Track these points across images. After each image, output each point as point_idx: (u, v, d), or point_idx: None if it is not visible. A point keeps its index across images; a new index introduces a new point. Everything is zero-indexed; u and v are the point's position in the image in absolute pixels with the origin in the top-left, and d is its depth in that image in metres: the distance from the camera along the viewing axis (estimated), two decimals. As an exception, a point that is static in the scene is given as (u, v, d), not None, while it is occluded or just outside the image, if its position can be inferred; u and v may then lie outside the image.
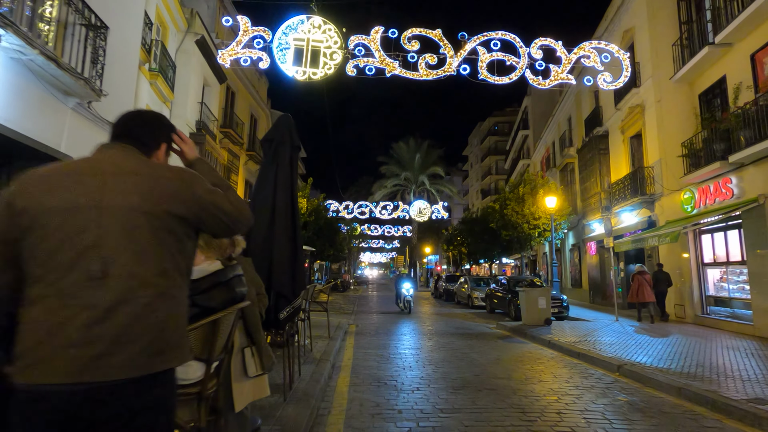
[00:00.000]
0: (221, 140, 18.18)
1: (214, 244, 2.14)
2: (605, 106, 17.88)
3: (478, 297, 17.92)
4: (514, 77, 11.13)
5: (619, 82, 11.34)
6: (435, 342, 8.86)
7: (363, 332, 10.23)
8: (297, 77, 11.00)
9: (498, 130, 59.51)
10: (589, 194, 18.71)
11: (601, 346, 7.88)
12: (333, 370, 6.07)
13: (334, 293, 30.07)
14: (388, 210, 36.35)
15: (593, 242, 19.23)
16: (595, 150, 17.88)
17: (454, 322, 12.88)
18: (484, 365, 6.54)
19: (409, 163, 39.22)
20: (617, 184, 15.98)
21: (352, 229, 49.21)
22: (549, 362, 6.92)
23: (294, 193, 3.60)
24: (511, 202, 19.52)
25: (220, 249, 2.16)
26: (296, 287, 3.46)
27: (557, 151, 26.20)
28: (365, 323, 12.19)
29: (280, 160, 3.57)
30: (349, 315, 14.18)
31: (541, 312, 10.94)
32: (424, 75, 11.09)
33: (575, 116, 22.23)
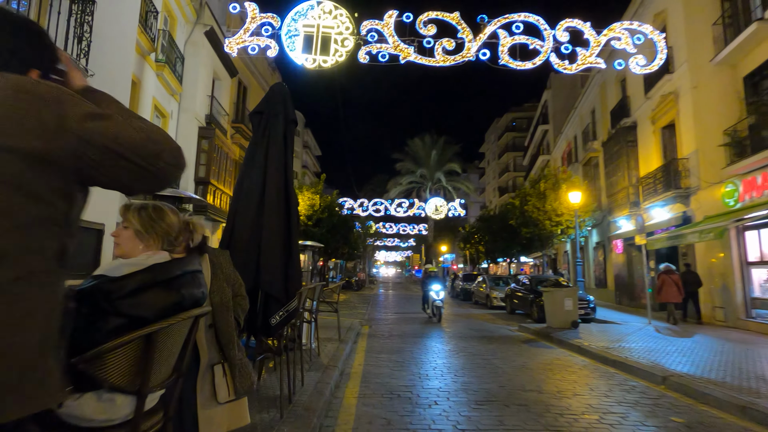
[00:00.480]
0: (232, 135, 17.85)
1: (158, 228, 1.56)
2: (633, 95, 16.87)
3: (498, 297, 17.15)
4: (538, 62, 10.38)
5: (654, 64, 10.46)
6: (453, 346, 8.21)
7: (376, 334, 9.65)
8: (306, 65, 10.47)
9: (516, 126, 58.17)
10: (616, 189, 17.72)
11: (639, 352, 7.11)
12: (341, 378, 5.50)
13: (348, 292, 29.62)
14: (404, 207, 35.72)
15: (620, 240, 18.22)
16: (623, 142, 16.89)
17: (472, 323, 12.19)
18: (510, 374, 5.87)
19: (425, 160, 38.49)
20: (647, 178, 15.00)
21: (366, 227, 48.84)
22: (581, 371, 6.20)
23: (289, 175, 3.03)
24: (532, 198, 18.65)
25: (165, 235, 1.58)
26: (290, 287, 2.89)
27: (580, 145, 25.13)
28: (379, 324, 11.61)
29: (272, 136, 3.00)
30: (362, 315, 13.62)
31: (567, 314, 10.17)
32: (440, 61, 10.42)
33: (599, 108, 21.18)
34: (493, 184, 64.00)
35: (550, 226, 18.04)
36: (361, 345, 8.09)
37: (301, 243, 7.26)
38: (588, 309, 11.91)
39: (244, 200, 2.86)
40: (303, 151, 50.03)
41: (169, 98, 12.47)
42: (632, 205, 16.27)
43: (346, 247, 30.15)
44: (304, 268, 7.21)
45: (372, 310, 15.72)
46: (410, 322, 12.10)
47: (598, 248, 21.68)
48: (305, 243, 7.03)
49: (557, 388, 5.18)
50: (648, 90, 14.95)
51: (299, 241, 7.34)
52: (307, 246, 7.09)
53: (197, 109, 13.61)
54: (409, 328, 10.73)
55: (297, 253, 3.04)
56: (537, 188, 19.27)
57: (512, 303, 15.18)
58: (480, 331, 10.39)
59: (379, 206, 35.44)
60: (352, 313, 14.06)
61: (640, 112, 16.12)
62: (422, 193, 39.66)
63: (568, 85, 35.07)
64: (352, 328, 9.53)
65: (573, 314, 10.20)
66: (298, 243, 3.09)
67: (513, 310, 15.22)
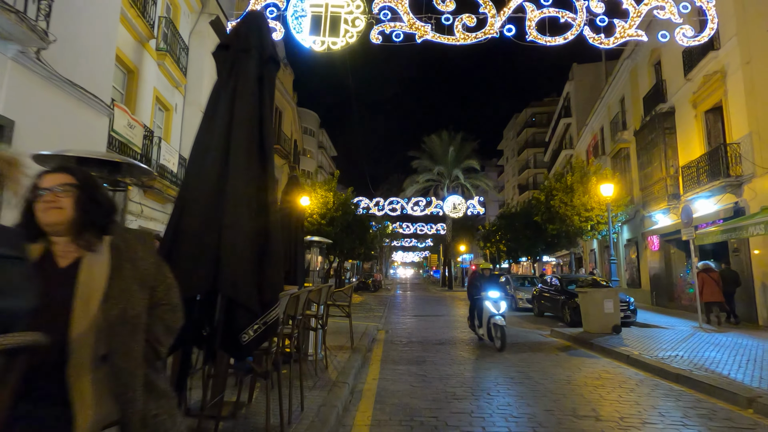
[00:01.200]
0: (243, 132, 17.22)
1: None
2: (670, 79, 15.53)
3: (523, 298, 16.03)
4: (569, 36, 9.31)
5: (704, 35, 9.27)
6: (481, 354, 7.24)
7: (393, 340, 8.74)
8: (315, 48, 9.66)
9: (536, 121, 56.53)
10: (651, 181, 16.38)
11: (702, 363, 6.01)
12: (351, 397, 4.62)
13: (364, 293, 28.81)
14: (421, 206, 34.73)
15: (655, 236, 16.86)
16: (659, 130, 15.56)
17: (498, 327, 11.15)
18: (555, 393, 4.89)
19: (442, 157, 37.36)
20: (688, 168, 13.68)
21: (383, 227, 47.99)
22: (640, 388, 5.17)
23: (266, 134, 2.17)
24: (559, 193, 17.44)
25: None
26: (267, 292, 2.02)
27: (607, 136, 23.72)
28: (396, 328, 10.70)
29: (241, 80, 2.14)
30: (378, 319, 12.74)
31: (607, 317, 9.07)
32: (460, 39, 9.46)
33: (630, 95, 19.80)
34: (513, 181, 62.36)
35: (579, 222, 16.81)
36: (377, 354, 7.20)
37: (306, 239, 6.42)
38: (628, 311, 10.74)
39: (199, 167, 2.02)
40: (318, 152, 49.59)
41: (173, 90, 11.85)
42: (671, 197, 14.95)
43: (362, 248, 29.36)
44: (311, 267, 6.40)
45: (389, 313, 14.83)
46: (428, 327, 11.15)
47: (630, 246, 20.27)
48: (311, 239, 6.18)
49: (618, 413, 4.18)
50: (688, 71, 13.64)
51: (305, 237, 6.48)
52: (313, 242, 6.25)
53: (203, 102, 12.92)
54: (430, 334, 9.78)
55: (278, 244, 2.17)
56: (563, 182, 18.06)
57: (540, 305, 14.06)
58: (508, 336, 9.35)
59: (396, 205, 34.53)
60: (368, 317, 13.19)
61: (678, 96, 14.79)
62: (440, 191, 38.54)
63: (591, 76, 33.58)
64: (366, 334, 8.65)
65: (614, 317, 9.08)
66: (278, 229, 2.21)
67: (541, 312, 14.10)
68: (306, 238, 6.06)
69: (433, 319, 12.84)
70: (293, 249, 5.75)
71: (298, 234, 5.88)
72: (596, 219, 16.68)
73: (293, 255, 5.73)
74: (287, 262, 5.71)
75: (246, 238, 1.96)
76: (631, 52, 19.03)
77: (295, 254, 5.75)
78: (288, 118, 24.05)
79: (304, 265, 5.90)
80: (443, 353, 7.35)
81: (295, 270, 5.69)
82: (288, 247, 5.77)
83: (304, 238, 5.95)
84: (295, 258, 5.73)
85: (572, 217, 16.90)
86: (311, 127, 52.32)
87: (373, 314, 14.14)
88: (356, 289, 32.33)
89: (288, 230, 5.84)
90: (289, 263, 5.71)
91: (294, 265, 5.69)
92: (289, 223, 5.85)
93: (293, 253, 5.74)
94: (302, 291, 3.54)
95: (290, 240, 5.80)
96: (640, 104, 18.36)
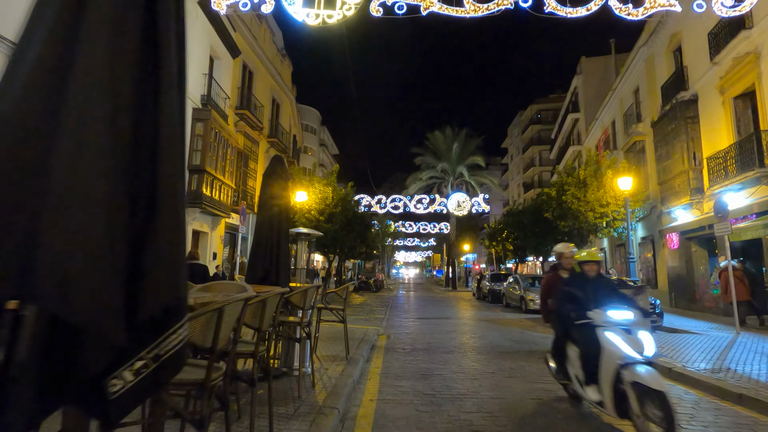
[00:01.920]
0: (237, 123, 16.31)
1: None
2: (692, 64, 14.49)
3: (534, 299, 15.02)
4: (593, 7, 8.32)
5: (745, 5, 8.25)
6: (497, 366, 6.27)
7: (395, 347, 7.78)
8: (308, 22, 8.70)
9: (541, 118, 55.43)
10: (671, 175, 15.34)
11: (764, 379, 5.03)
12: (342, 427, 3.66)
13: (366, 293, 27.85)
14: (424, 204, 33.75)
15: (674, 233, 15.82)
16: (680, 120, 14.53)
17: (510, 331, 10.18)
18: (594, 420, 3.91)
19: (445, 154, 36.34)
20: (715, 159, 12.66)
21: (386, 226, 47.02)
22: (700, 414, 4.18)
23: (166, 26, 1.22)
24: (571, 188, 16.43)
25: None
26: (149, 302, 1.05)
27: (620, 130, 22.69)
28: (399, 333, 9.73)
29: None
30: (379, 321, 11.79)
31: (636, 322, 8.04)
32: (470, 11, 8.49)
33: (645, 86, 18.76)
34: (517, 180, 61.28)
35: (594, 219, 15.80)
36: (376, 365, 6.24)
37: (292, 231, 5.47)
38: (654, 315, 9.74)
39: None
40: (320, 149, 48.73)
41: (156, 73, 10.92)
42: (694, 191, 13.92)
43: (363, 246, 28.43)
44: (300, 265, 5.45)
45: (391, 315, 13.87)
46: (435, 331, 10.18)
47: (645, 244, 19.24)
48: (297, 230, 5.24)
49: (689, 454, 3.18)
50: (715, 54, 12.61)
51: (290, 229, 5.53)
52: (300, 234, 5.29)
53: (191, 88, 12.04)
54: (436, 339, 8.81)
55: (176, 217, 1.19)
56: (576, 176, 17.04)
57: (554, 306, 13.06)
58: (523, 343, 8.38)
59: (398, 203, 33.57)
60: (368, 319, 12.24)
61: (702, 83, 13.75)
62: (443, 188, 37.52)
63: (600, 69, 32.54)
64: (365, 340, 7.68)
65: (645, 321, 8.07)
66: (178, 194, 1.22)
67: (554, 314, 13.12)
68: (291, 230, 5.11)
69: (438, 323, 11.87)
70: (275, 242, 4.80)
71: (281, 225, 4.92)
72: (612, 215, 15.66)
73: (275, 250, 4.78)
74: (267, 259, 4.76)
75: (97, 201, 0.98)
76: (648, 39, 18.00)
77: (277, 249, 4.80)
78: (286, 111, 23.11)
79: (289, 262, 4.95)
80: (453, 364, 6.37)
81: (277, 268, 4.74)
82: (269, 240, 4.82)
83: (289, 230, 5.00)
84: (277, 253, 4.78)
85: (586, 213, 15.88)
86: (312, 124, 51.40)
87: (373, 316, 13.19)
88: (358, 288, 31.35)
89: (270, 221, 4.89)
90: (270, 260, 4.76)
91: (275, 262, 4.74)
92: (271, 213, 4.90)
93: (275, 248, 4.79)
94: (269, 294, 2.58)
95: (272, 231, 4.84)
96: (657, 94, 17.33)
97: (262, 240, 4.83)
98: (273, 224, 4.86)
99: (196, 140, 11.86)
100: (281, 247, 4.82)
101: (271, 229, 4.85)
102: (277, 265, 4.75)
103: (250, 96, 17.76)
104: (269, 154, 20.22)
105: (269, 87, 20.40)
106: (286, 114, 22.92)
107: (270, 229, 4.85)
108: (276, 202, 4.92)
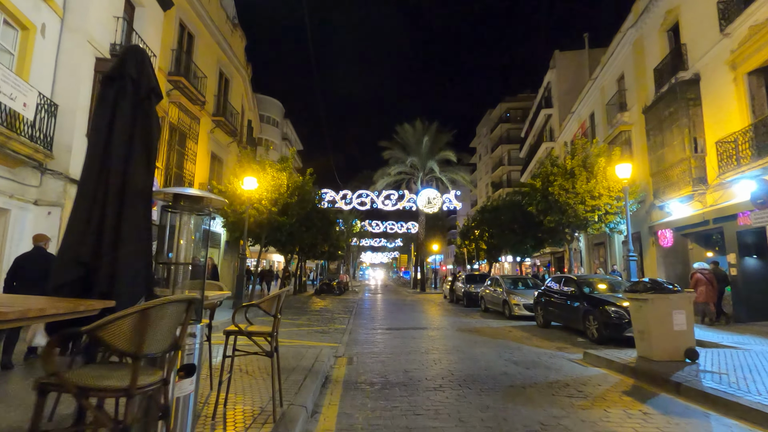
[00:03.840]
0: (169, 91, 13.42)
1: None
2: (694, 41, 13.06)
3: (520, 304, 13.10)
4: None
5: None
6: (519, 420, 4.04)
7: (359, 380, 5.42)
8: None
9: (510, 117, 54.82)
10: (666, 165, 13.89)
11: None
12: None
13: (328, 296, 25.23)
14: (393, 200, 31.55)
15: (668, 229, 14.41)
16: (680, 102, 13.05)
17: (504, 347, 8.06)
18: None
19: (415, 148, 34.35)
20: (726, 143, 11.17)
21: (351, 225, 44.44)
22: None
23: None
24: (558, 178, 14.69)
25: None
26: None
27: (600, 122, 21.43)
28: (365, 352, 7.38)
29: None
30: (340, 334, 9.39)
31: (678, 337, 6.13)
32: None
33: (633, 71, 17.41)
34: (486, 179, 60.52)
35: (584, 212, 14.10)
36: (328, 420, 3.85)
37: (161, 194, 2.97)
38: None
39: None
40: (282, 144, 45.54)
41: (37, 1, 8.03)
42: (696, 181, 12.44)
43: (326, 245, 25.85)
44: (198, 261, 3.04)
45: (355, 325, 11.48)
46: (414, 351, 7.90)
47: (632, 241, 17.87)
48: (177, 191, 2.81)
49: None
50: (727, 24, 11.13)
51: (152, 189, 3.11)
52: (183, 200, 2.86)
53: (93, 32, 9.18)
54: (416, 364, 6.53)
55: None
56: (562, 166, 15.34)
57: (546, 312, 11.15)
58: (531, 367, 6.25)
59: (365, 198, 31.20)
60: (326, 331, 9.81)
61: (707, 60, 12.30)
62: (413, 185, 35.49)
63: (574, 64, 31.64)
64: (315, 370, 5.29)
65: (688, 337, 6.16)
66: None
67: (547, 322, 11.21)
68: (159, 190, 2.64)
69: (414, 335, 9.60)
70: (114, 212, 2.34)
71: (129, 180, 2.46)
72: (604, 208, 14.02)
73: (112, 224, 2.31)
74: (90, 244, 2.29)
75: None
76: (637, 20, 16.64)
77: (116, 224, 2.33)
78: (237, 89, 20.22)
79: (145, 256, 2.49)
80: (449, 416, 4.08)
81: (113, 264, 2.28)
82: (100, 205, 2.36)
83: (146, 187, 2.55)
84: (115, 234, 2.32)
85: (575, 206, 14.16)
86: (274, 116, 48.10)
87: (333, 327, 10.77)
88: (319, 291, 28.61)
89: (104, 170, 2.42)
90: (97, 245, 2.29)
91: (109, 250, 2.27)
92: (109, 152, 2.42)
93: (112, 221, 2.32)
94: None
95: (107, 191, 2.38)
96: (647, 79, 15.95)
97: (85, 207, 2.36)
98: (110, 176, 2.39)
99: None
100: (125, 221, 2.35)
101: (107, 187, 2.37)
102: (111, 257, 2.27)
103: (189, 63, 14.88)
104: (214, 136, 17.33)
105: (215, 57, 17.51)
106: (237, 92, 20.05)
107: (104, 185, 2.38)
108: (123, 130, 2.45)
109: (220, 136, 17.77)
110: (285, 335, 9.03)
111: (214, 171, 17.64)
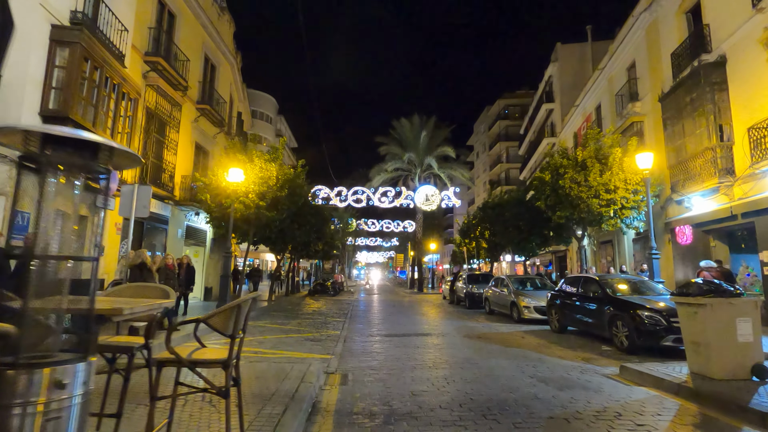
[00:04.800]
0: (146, 73, 12.21)
1: None
2: (718, 20, 12.03)
3: (530, 306, 12.02)
4: None
5: None
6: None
7: (355, 410, 4.28)
8: None
9: (509, 113, 53.83)
10: (688, 155, 12.86)
11: None
12: None
13: (323, 297, 24.08)
14: (389, 197, 30.45)
15: (687, 225, 13.39)
16: (704, 86, 12.02)
17: (522, 357, 6.94)
18: None
19: (413, 143, 33.21)
20: (759, 129, 10.14)
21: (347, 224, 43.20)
22: None
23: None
24: (569, 171, 13.62)
25: None
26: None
27: (609, 114, 20.41)
28: (361, 368, 6.23)
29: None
30: (333, 342, 8.24)
31: (743, 351, 5.05)
32: None
33: (646, 58, 16.39)
34: (484, 177, 59.56)
35: (598, 207, 13.03)
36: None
37: (9, 129, 1.80)
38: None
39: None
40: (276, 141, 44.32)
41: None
42: (723, 173, 11.41)
43: (321, 243, 24.65)
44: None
45: (350, 330, 10.34)
46: (420, 366, 6.77)
47: (641, 240, 16.87)
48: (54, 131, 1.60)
49: None
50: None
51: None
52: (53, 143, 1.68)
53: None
54: (423, 384, 5.39)
55: None
56: (572, 157, 14.27)
57: (563, 315, 10.06)
58: (558, 384, 5.14)
59: (361, 195, 30.08)
60: (317, 338, 8.66)
61: (735, 39, 11.27)
62: (410, 182, 34.36)
63: (577, 56, 30.66)
64: (297, 397, 4.14)
65: (755, 351, 5.07)
66: None
67: (563, 327, 10.12)
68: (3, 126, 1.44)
69: (417, 344, 8.47)
70: None
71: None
72: (620, 202, 12.96)
73: None
74: None
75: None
76: (651, 2, 15.62)
77: None
78: (225, 77, 18.99)
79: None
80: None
81: None
82: None
83: None
84: None
85: (588, 200, 13.09)
86: (268, 112, 46.81)
87: (326, 332, 9.62)
88: (313, 292, 27.46)
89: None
90: None
91: None
92: None
93: None
94: None
95: None
96: (662, 64, 14.93)
97: None
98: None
99: (54, 73, 7.79)
100: None
101: None
102: None
103: (170, 44, 13.66)
104: (199, 125, 16.10)
105: (200, 41, 16.28)
106: (225, 81, 18.82)
107: None
108: None
109: (205, 125, 16.55)
110: (270, 344, 7.88)
111: (199, 163, 16.42)
